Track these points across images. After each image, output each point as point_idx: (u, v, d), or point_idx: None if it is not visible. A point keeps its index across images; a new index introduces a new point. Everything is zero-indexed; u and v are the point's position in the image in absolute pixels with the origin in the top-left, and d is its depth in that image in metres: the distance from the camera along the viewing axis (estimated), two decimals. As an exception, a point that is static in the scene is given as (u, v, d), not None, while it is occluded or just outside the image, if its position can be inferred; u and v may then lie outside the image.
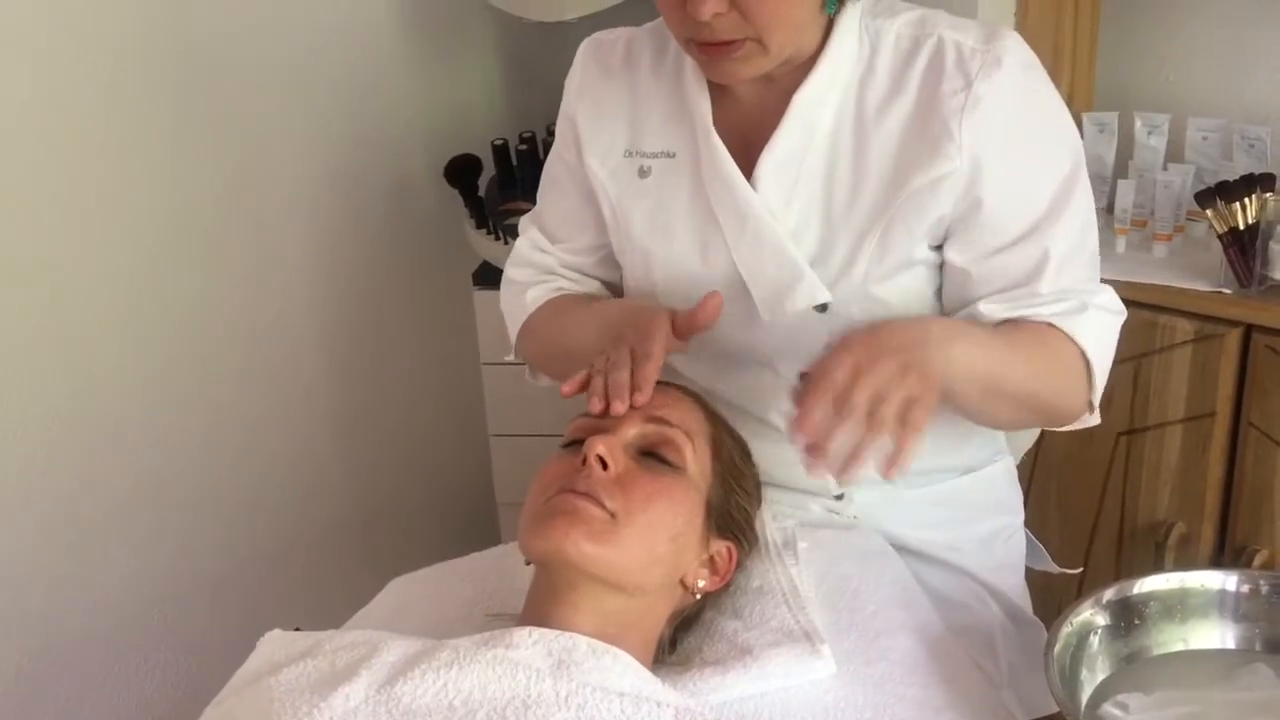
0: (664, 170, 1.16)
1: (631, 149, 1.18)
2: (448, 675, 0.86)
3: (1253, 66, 1.90)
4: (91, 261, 1.82)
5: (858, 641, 1.01)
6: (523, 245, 1.30)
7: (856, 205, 1.09)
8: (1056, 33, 1.91)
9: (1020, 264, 1.07)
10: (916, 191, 1.06)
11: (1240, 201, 1.62)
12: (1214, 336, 1.64)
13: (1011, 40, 1.07)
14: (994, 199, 1.06)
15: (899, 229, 1.08)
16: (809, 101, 1.08)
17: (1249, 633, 1.01)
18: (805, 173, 1.10)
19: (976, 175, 1.05)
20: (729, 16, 1.00)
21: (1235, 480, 1.69)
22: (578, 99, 1.22)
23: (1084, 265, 1.10)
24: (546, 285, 1.27)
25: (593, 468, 0.95)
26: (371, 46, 2.15)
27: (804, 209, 1.10)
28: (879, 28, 1.10)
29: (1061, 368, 1.08)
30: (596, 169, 1.19)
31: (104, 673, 1.94)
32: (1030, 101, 1.08)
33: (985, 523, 1.26)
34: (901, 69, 1.08)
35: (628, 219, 1.18)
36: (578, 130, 1.21)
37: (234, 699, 0.92)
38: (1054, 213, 1.07)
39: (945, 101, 1.04)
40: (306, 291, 2.13)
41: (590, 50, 1.23)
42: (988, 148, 1.04)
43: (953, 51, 1.06)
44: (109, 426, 1.88)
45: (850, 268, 1.09)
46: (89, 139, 1.78)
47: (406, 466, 2.37)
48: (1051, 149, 1.08)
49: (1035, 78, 1.09)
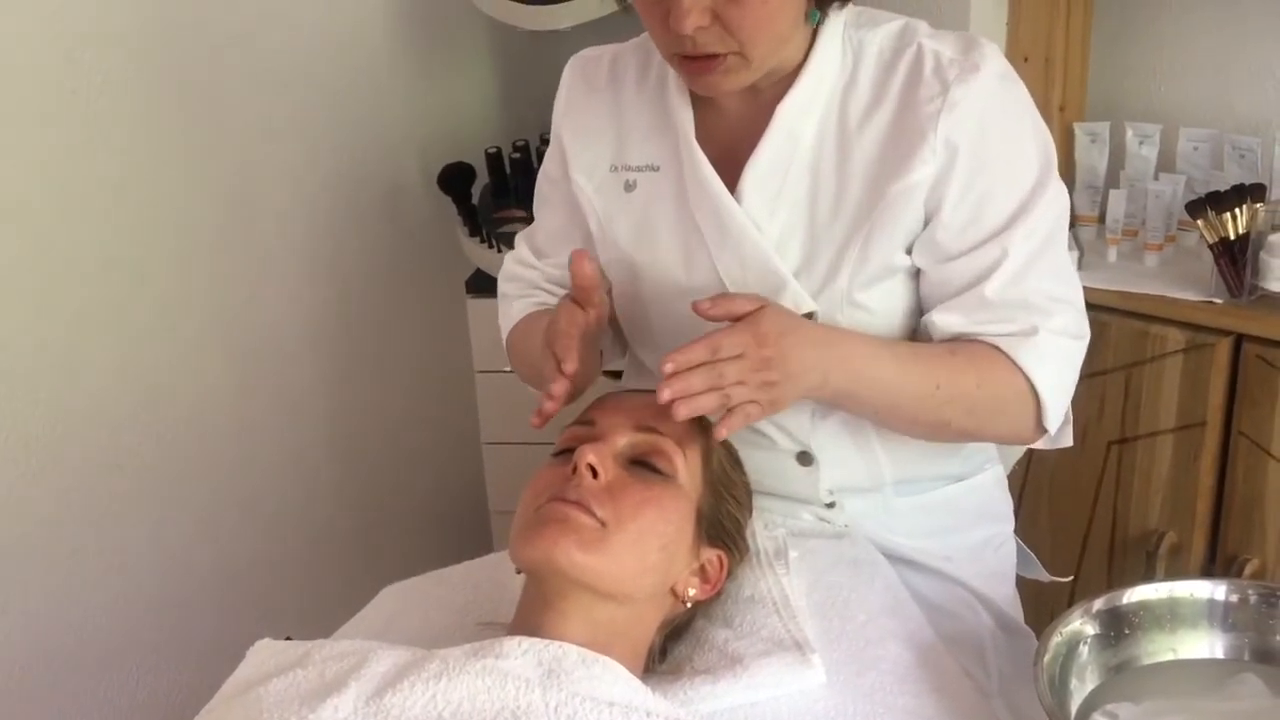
0: (649, 183, 1.17)
1: (617, 163, 1.19)
2: (437, 686, 0.86)
3: (1244, 77, 1.91)
4: (87, 267, 1.82)
5: (848, 650, 1.01)
6: (509, 261, 1.34)
7: (839, 215, 1.09)
8: (1048, 43, 1.91)
9: (972, 269, 1.07)
10: (895, 198, 1.06)
11: (1231, 211, 1.62)
12: (1205, 346, 1.64)
13: (989, 50, 1.07)
14: (954, 203, 1.06)
15: (879, 236, 1.08)
16: (793, 112, 1.09)
17: (1238, 642, 1.01)
18: (789, 183, 1.10)
19: (945, 175, 1.06)
20: (711, 30, 1.00)
21: (1226, 489, 1.69)
22: (564, 117, 1.23)
23: (1046, 276, 1.07)
24: (529, 300, 1.29)
25: (583, 476, 0.96)
26: (365, 55, 2.16)
27: (788, 219, 1.11)
28: (861, 39, 1.10)
29: (994, 393, 1.07)
30: (583, 184, 1.20)
31: (95, 680, 1.94)
32: (1003, 108, 1.08)
33: (976, 531, 1.26)
34: (883, 80, 1.08)
35: (614, 232, 1.19)
36: (564, 147, 1.23)
37: (223, 708, 0.92)
38: (1012, 222, 1.06)
39: (922, 107, 1.05)
40: (300, 298, 2.13)
41: (576, 68, 1.24)
42: (960, 148, 1.05)
43: (931, 60, 1.06)
44: (103, 433, 1.88)
45: (834, 277, 1.10)
46: (84, 147, 1.78)
47: (399, 474, 2.36)
48: (1018, 158, 1.08)
49: (1010, 88, 1.09)
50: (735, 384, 0.96)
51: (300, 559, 2.20)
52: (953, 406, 1.06)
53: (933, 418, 1.07)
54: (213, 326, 2.00)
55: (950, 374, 1.05)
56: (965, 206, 1.06)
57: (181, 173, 1.91)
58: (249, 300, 2.05)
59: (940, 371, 1.05)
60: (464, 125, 2.33)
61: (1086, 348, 1.11)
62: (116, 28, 1.78)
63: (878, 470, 1.18)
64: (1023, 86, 1.10)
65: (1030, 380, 1.06)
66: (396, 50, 2.21)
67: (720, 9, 0.99)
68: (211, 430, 2.03)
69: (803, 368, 0.99)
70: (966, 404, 1.06)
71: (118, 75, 1.79)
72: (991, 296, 1.06)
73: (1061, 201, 1.09)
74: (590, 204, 1.20)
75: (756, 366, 0.96)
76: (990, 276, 1.06)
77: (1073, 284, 1.11)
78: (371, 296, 2.24)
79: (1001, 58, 1.09)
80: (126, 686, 1.98)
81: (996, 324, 1.07)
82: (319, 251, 2.14)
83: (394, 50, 2.20)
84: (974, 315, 1.07)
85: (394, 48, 2.20)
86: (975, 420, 1.09)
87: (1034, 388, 1.06)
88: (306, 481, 2.20)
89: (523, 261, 1.32)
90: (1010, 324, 1.06)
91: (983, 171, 1.06)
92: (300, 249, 2.11)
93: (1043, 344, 1.06)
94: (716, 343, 0.96)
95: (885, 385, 1.05)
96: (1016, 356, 1.06)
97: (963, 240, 1.07)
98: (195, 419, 2.00)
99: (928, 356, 1.07)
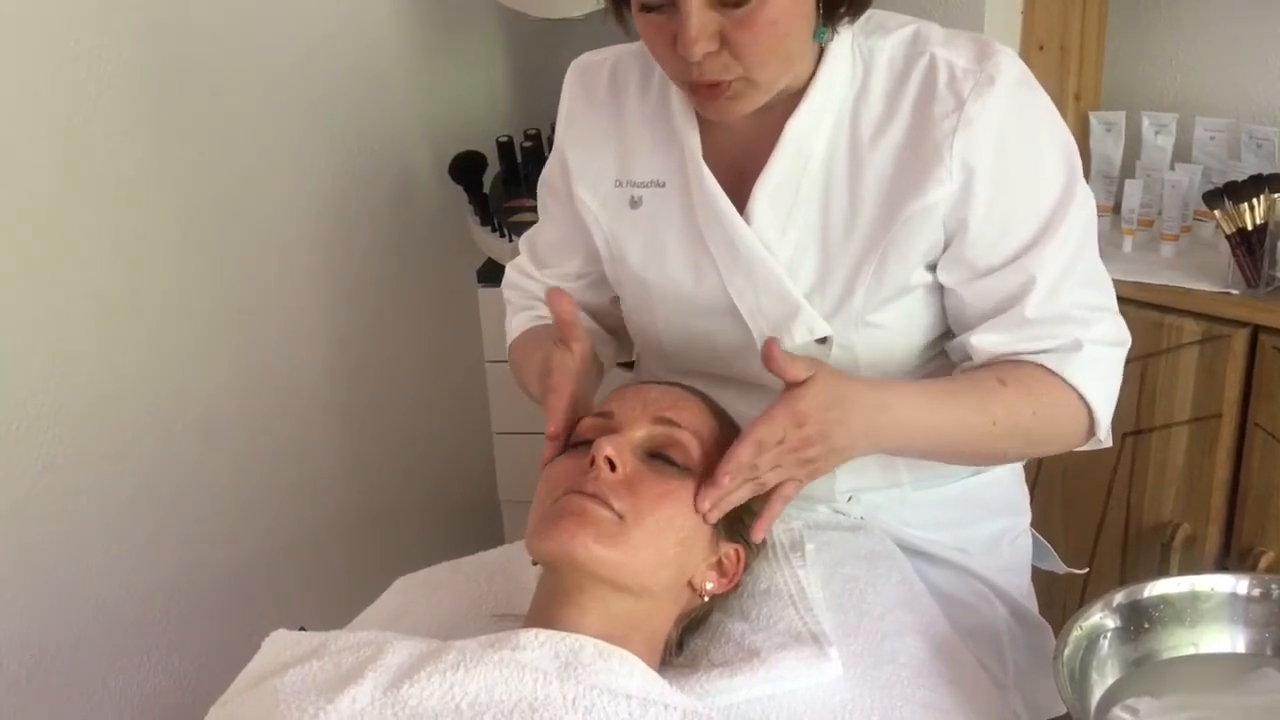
0: (655, 200, 1.15)
1: (621, 178, 1.16)
2: (454, 677, 0.85)
3: (1261, 66, 1.89)
4: (93, 262, 1.82)
5: (865, 643, 1.01)
6: (510, 270, 1.33)
7: (853, 234, 1.07)
8: (1064, 32, 1.90)
9: (1006, 287, 1.05)
10: (910, 219, 1.04)
11: (1248, 202, 1.61)
12: (1221, 337, 1.63)
13: (1004, 57, 1.04)
14: (980, 222, 1.04)
15: (894, 256, 1.06)
16: (802, 129, 1.06)
17: (1259, 637, 1.01)
18: (800, 202, 1.08)
19: (965, 196, 1.03)
20: (719, 56, 0.98)
21: (1241, 482, 1.68)
22: (566, 128, 1.21)
23: (1081, 285, 1.06)
24: (528, 313, 1.29)
25: (601, 469, 0.95)
26: (376, 43, 2.15)
27: (800, 239, 1.09)
28: (872, 47, 1.07)
29: (1050, 416, 1.05)
30: (588, 200, 1.18)
31: (108, 672, 1.94)
32: (1020, 120, 1.04)
33: (992, 523, 1.25)
34: (895, 90, 1.06)
35: (622, 251, 1.17)
36: (566, 160, 1.20)
37: (239, 700, 0.92)
38: (1043, 236, 1.04)
39: (937, 125, 1.03)
40: (311, 288, 2.13)
41: (576, 76, 1.22)
42: (977, 168, 1.03)
43: (945, 72, 1.04)
44: (112, 424, 1.88)
45: (849, 298, 1.08)
46: (92, 139, 1.78)
47: (410, 463, 2.36)
48: (1042, 171, 1.05)
49: (1028, 95, 1.06)
50: (770, 469, 0.96)
51: (311, 549, 2.20)
52: (1011, 438, 1.05)
53: (989, 450, 1.06)
54: (223, 317, 2.00)
55: (1005, 407, 1.03)
56: (992, 224, 1.04)
57: (191, 164, 1.91)
58: (259, 290, 2.05)
59: (995, 406, 1.03)
60: (475, 114, 2.32)
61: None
62: (124, 19, 1.78)
63: (895, 473, 1.18)
64: (1040, 91, 1.07)
65: (1082, 395, 1.05)
66: (407, 40, 2.20)
67: (728, 32, 0.97)
68: (222, 421, 2.03)
69: (849, 440, 0.97)
70: (1024, 433, 1.05)
71: (125, 67, 1.79)
72: (1032, 315, 1.04)
73: (1089, 206, 1.07)
74: (596, 221, 1.18)
75: (794, 447, 0.95)
76: (1028, 295, 1.04)
77: (1107, 289, 1.10)
78: (382, 286, 2.24)
79: (1017, 63, 1.05)
80: (138, 678, 1.99)
81: (1040, 341, 1.05)
82: (330, 242, 2.14)
83: (405, 40, 2.19)
84: (1016, 334, 1.05)
85: (405, 37, 2.19)
86: (1033, 446, 1.09)
87: (1086, 402, 1.06)
88: (317, 471, 2.20)
89: (524, 271, 1.31)
90: (1053, 340, 1.05)
91: (1005, 187, 1.04)
92: (311, 239, 2.11)
93: (1088, 356, 1.05)
94: (760, 437, 0.94)
95: (941, 432, 1.03)
96: (1066, 374, 1.04)
97: (992, 257, 1.05)
98: (206, 410, 2.00)
99: (980, 392, 1.04)
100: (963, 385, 1.06)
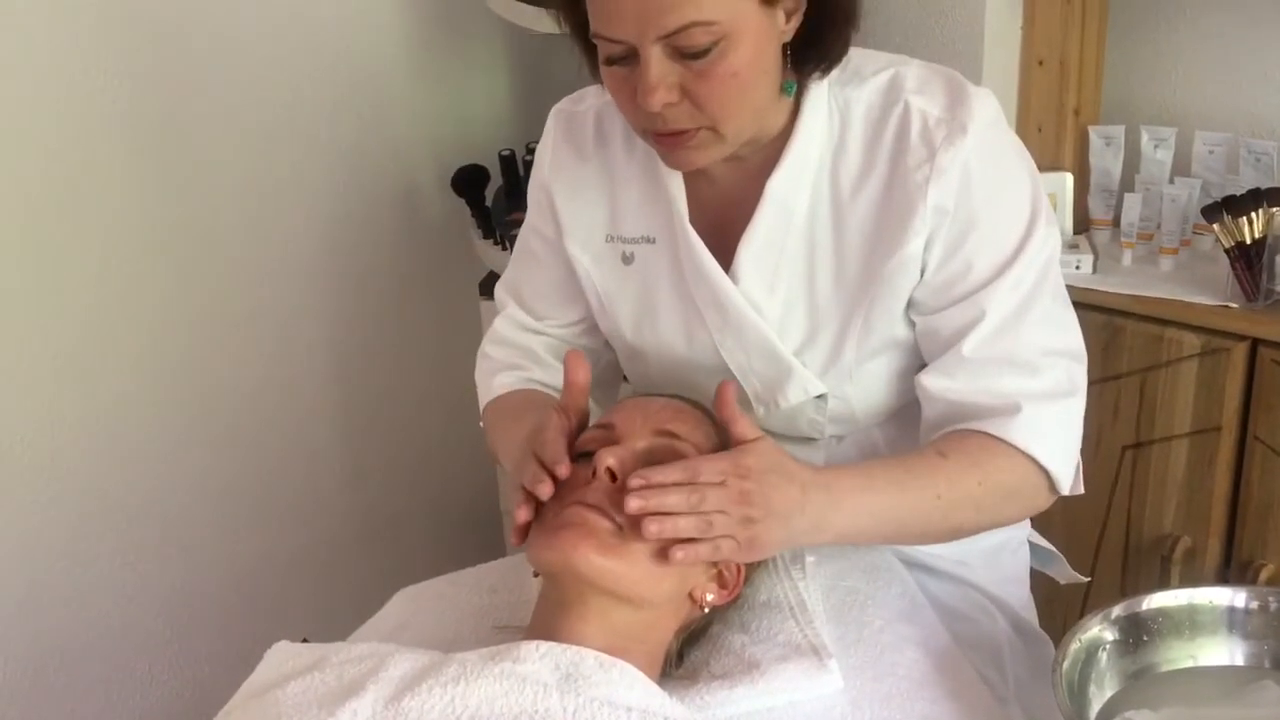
0: (646, 256, 1.15)
1: (612, 234, 1.16)
2: (455, 690, 0.86)
3: (1260, 80, 1.90)
4: (95, 272, 1.82)
5: (865, 656, 1.01)
6: (502, 325, 1.28)
7: (840, 288, 1.08)
8: (1064, 46, 1.91)
9: (955, 322, 1.05)
10: (892, 272, 1.05)
11: (1247, 216, 1.62)
12: (1220, 350, 1.63)
13: (976, 103, 1.03)
14: (945, 258, 1.04)
15: (879, 309, 1.07)
16: (783, 185, 1.06)
17: (1258, 650, 1.01)
18: (786, 258, 1.08)
19: (934, 237, 1.04)
20: (681, 106, 0.97)
21: (1241, 494, 1.68)
22: (552, 176, 1.19)
23: (1036, 325, 1.05)
24: (517, 374, 1.24)
25: (603, 480, 0.95)
26: (379, 58, 2.16)
27: (788, 296, 1.09)
28: (848, 98, 1.07)
29: (998, 483, 1.03)
30: (579, 255, 1.18)
31: (109, 683, 1.94)
32: (989, 160, 1.04)
33: (992, 536, 1.25)
34: (872, 143, 1.06)
35: (615, 309, 1.17)
36: (556, 211, 1.19)
37: (240, 711, 0.92)
38: (999, 275, 1.04)
39: (911, 175, 1.03)
40: (314, 300, 2.14)
41: (561, 126, 1.19)
42: (948, 210, 1.03)
43: (918, 121, 1.03)
44: (115, 436, 1.88)
45: (839, 353, 1.09)
46: (91, 151, 1.79)
47: (412, 475, 2.37)
48: (1005, 209, 1.05)
49: (997, 136, 1.05)
50: (717, 512, 0.90)
51: (312, 560, 2.21)
52: (960, 511, 1.03)
53: (943, 526, 1.04)
54: (226, 328, 2.01)
55: (948, 480, 1.02)
56: (956, 260, 1.04)
57: (194, 175, 1.92)
58: (263, 301, 2.05)
59: (938, 481, 1.01)
60: (477, 127, 2.33)
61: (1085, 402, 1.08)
62: (130, 27, 1.79)
63: None
64: (1009, 131, 1.07)
65: (1032, 457, 1.03)
66: (410, 53, 2.21)
67: (689, 84, 0.96)
68: (225, 433, 2.03)
69: (786, 508, 0.93)
70: (972, 504, 1.03)
71: (130, 79, 1.80)
72: (969, 354, 1.04)
73: (1051, 245, 1.06)
74: (588, 276, 1.18)
75: (736, 499, 0.91)
76: (968, 335, 1.04)
77: (1068, 329, 1.09)
78: (385, 298, 2.25)
79: (990, 105, 1.04)
80: (139, 686, 1.99)
81: (978, 392, 1.04)
82: (333, 253, 2.15)
83: (407, 53, 2.20)
84: (954, 378, 1.05)
85: (407, 50, 2.20)
86: (987, 515, 1.06)
87: (1037, 462, 1.04)
88: (319, 483, 2.20)
89: (520, 325, 1.26)
90: (992, 395, 1.04)
91: (972, 226, 1.04)
92: (314, 251, 2.12)
93: (1030, 417, 1.03)
94: (695, 467, 0.91)
95: (885, 512, 1.00)
96: (1010, 438, 1.03)
97: (952, 291, 1.05)
98: (208, 421, 2.00)
99: (921, 469, 1.02)
100: (901, 462, 1.04)
